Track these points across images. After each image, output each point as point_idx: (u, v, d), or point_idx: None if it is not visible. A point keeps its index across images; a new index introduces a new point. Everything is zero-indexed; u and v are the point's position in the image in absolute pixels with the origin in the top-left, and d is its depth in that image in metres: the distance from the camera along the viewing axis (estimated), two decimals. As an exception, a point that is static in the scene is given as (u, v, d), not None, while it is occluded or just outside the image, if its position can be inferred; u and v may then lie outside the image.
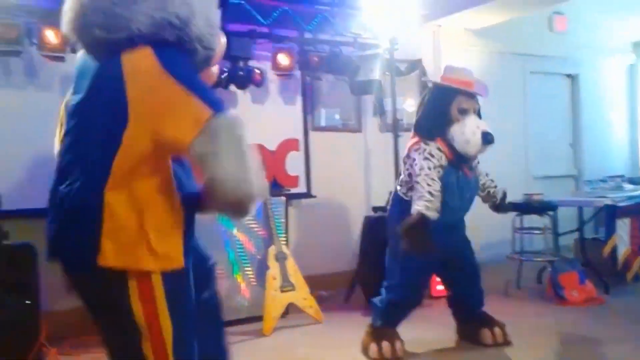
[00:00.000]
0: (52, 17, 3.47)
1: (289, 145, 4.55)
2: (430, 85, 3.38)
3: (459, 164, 3.11)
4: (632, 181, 5.80)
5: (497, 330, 3.29)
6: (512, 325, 3.54)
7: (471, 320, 3.37)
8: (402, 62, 5.00)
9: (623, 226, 4.47)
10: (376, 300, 3.36)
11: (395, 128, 4.66)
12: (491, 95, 3.31)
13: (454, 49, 5.68)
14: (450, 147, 3.08)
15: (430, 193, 2.93)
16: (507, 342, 3.28)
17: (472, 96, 3.14)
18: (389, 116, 4.85)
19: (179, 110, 1.43)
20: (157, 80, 1.45)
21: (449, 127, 3.07)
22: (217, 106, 1.45)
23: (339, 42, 4.65)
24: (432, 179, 2.97)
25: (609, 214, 4.54)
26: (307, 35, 4.58)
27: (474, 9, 5.15)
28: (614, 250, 4.41)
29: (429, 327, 3.63)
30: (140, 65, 1.46)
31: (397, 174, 4.59)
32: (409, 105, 5.40)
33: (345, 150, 5.12)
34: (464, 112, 3.09)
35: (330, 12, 4.57)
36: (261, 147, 4.21)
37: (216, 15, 1.62)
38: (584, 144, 6.89)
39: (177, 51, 1.52)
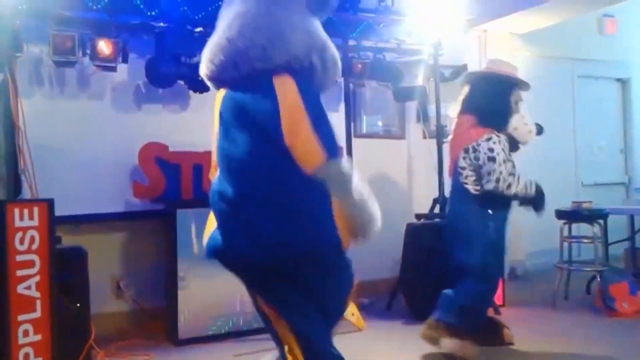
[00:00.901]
0: (104, 28, 3.60)
1: (332, 152, 4.56)
2: (480, 73, 3.45)
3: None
4: (686, 189, 5.59)
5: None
6: (560, 337, 3.46)
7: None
8: (446, 68, 4.95)
9: (677, 236, 4.30)
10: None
11: (440, 134, 4.61)
12: (539, 100, 3.33)
13: (500, 53, 5.58)
14: (509, 139, 3.19)
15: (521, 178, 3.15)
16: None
17: (523, 88, 3.27)
18: (433, 122, 4.80)
19: (304, 143, 2.00)
20: (296, 104, 2.00)
21: (510, 118, 3.16)
22: (331, 152, 2.05)
23: (382, 48, 4.64)
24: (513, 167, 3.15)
25: (662, 223, 4.38)
26: (351, 42, 4.59)
27: (520, 12, 5.06)
28: (667, 261, 4.25)
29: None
30: (286, 89, 1.99)
31: (441, 180, 4.55)
32: (454, 112, 5.34)
33: (388, 157, 5.10)
34: (518, 103, 3.21)
35: (375, 19, 4.56)
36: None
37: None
38: (635, 150, 6.66)
39: (308, 80, 2.07)
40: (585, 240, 4.55)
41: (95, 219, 3.81)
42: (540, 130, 3.27)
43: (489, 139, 3.09)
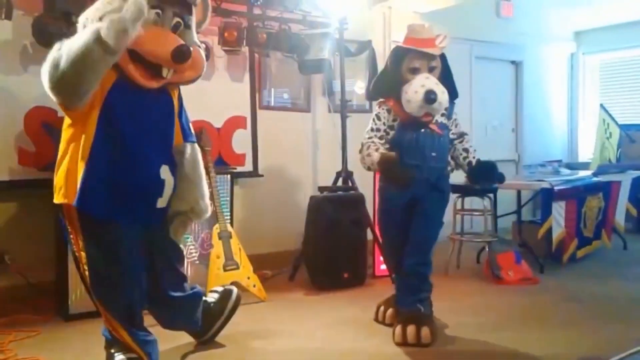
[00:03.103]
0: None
1: (235, 122, 4.49)
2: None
3: (417, 122, 3.05)
4: (569, 166, 6.03)
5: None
6: (450, 303, 3.65)
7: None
8: (351, 43, 4.99)
9: (559, 209, 4.64)
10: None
11: (344, 109, 4.66)
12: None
13: (403, 31, 5.69)
14: (403, 107, 3.04)
15: (372, 145, 3.06)
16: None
17: (425, 54, 3.04)
18: (338, 97, 4.84)
19: None
20: None
21: (399, 87, 3.04)
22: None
23: (288, 19, 4.59)
24: (371, 140, 3.10)
25: (546, 197, 4.71)
26: (256, 11, 4.50)
27: (423, -9, 5.18)
28: (549, 233, 4.57)
29: (372, 307, 3.68)
30: None
31: (345, 154, 4.62)
32: (359, 87, 5.42)
33: (293, 130, 5.09)
34: (414, 71, 3.02)
35: (281, -12, 4.50)
36: (206, 124, 4.15)
37: None
38: (525, 129, 7.09)
39: None
40: (476, 213, 4.81)
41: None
42: (430, 97, 2.91)
43: (374, 113, 3.21)
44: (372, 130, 3.14)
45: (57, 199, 2.28)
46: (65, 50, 2.06)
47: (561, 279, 4.39)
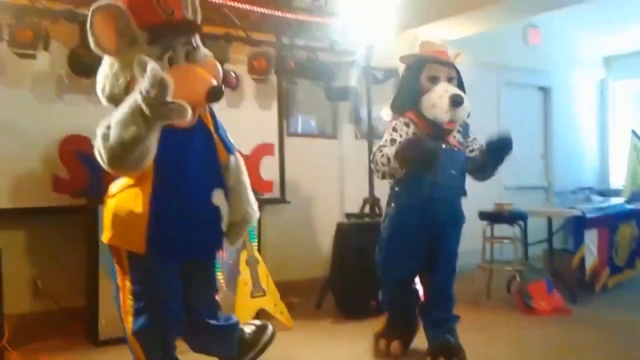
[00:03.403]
0: (25, 14, 3.42)
1: (263, 150, 4.54)
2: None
3: (438, 136, 2.92)
4: (601, 193, 5.94)
5: None
6: (481, 335, 3.57)
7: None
8: (378, 70, 5.02)
9: (591, 237, 4.54)
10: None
11: (370, 136, 4.67)
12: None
13: (430, 58, 5.73)
14: (424, 118, 2.92)
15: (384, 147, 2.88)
16: None
17: (443, 64, 2.98)
18: (365, 124, 4.86)
19: None
20: None
21: (419, 98, 2.91)
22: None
23: (315, 47, 4.65)
24: (385, 148, 2.88)
25: (578, 225, 4.62)
26: (284, 40, 4.58)
27: (449, 19, 5.21)
28: (582, 261, 4.48)
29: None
30: None
31: (371, 181, 4.61)
32: (386, 114, 5.42)
33: (320, 157, 5.12)
34: (434, 80, 2.93)
35: (308, 18, 4.57)
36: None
37: None
38: (555, 156, 7.01)
39: None
40: (506, 241, 4.74)
41: (11, 214, 3.61)
42: (456, 100, 2.84)
43: (388, 126, 3.01)
44: (387, 141, 2.93)
45: (114, 242, 2.27)
46: (114, 134, 2.00)
47: (594, 309, 4.27)
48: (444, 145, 2.93)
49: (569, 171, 7.03)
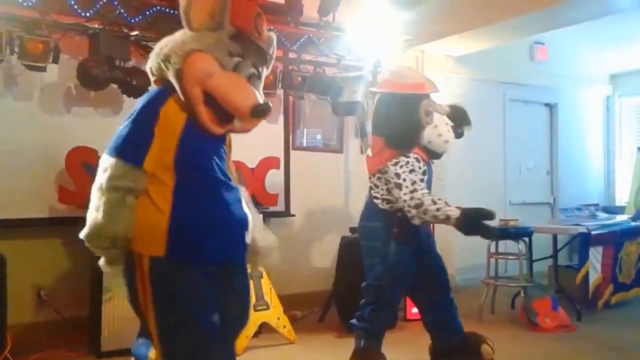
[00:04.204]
0: (35, 27, 3.46)
1: (269, 163, 4.55)
2: (382, 95, 3.21)
3: (430, 162, 3.19)
4: (606, 210, 5.91)
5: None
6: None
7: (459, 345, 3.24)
8: (384, 85, 5.04)
9: (596, 254, 4.53)
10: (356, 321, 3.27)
11: (376, 150, 4.68)
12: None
13: (436, 74, 5.73)
14: (426, 151, 3.12)
15: (438, 200, 2.90)
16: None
17: (429, 96, 3.14)
18: (370, 138, 4.87)
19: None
20: None
21: (421, 133, 3.08)
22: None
23: (322, 62, 4.68)
24: (424, 190, 2.96)
25: (583, 242, 4.60)
26: (292, 55, 4.62)
27: (455, 36, 5.24)
28: (586, 278, 4.45)
29: (403, 351, 3.61)
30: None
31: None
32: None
33: (325, 170, 5.14)
34: (429, 114, 3.11)
35: (316, 33, 4.61)
36: (241, 165, 4.22)
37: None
38: (561, 172, 7.00)
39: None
40: (511, 257, 4.72)
41: (16, 224, 3.64)
42: (459, 133, 3.21)
43: (396, 163, 2.99)
44: (415, 182, 2.96)
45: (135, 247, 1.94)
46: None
47: (599, 327, 4.25)
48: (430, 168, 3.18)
49: (574, 188, 7.02)
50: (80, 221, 2.23)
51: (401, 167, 2.99)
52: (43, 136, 3.75)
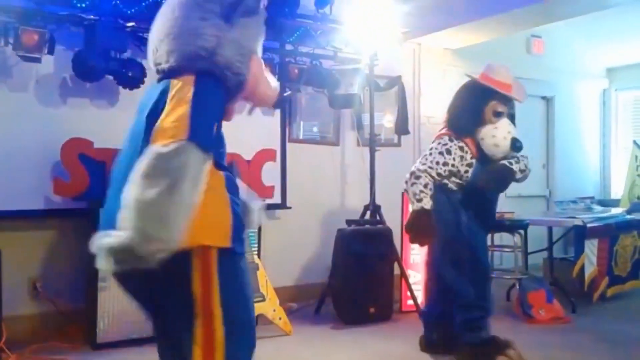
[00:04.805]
0: (30, 17, 3.44)
1: (265, 155, 4.55)
2: (468, 80, 3.31)
3: (484, 162, 3.12)
4: (601, 203, 5.93)
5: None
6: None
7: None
8: (381, 78, 5.04)
9: (591, 247, 4.54)
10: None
11: (372, 142, 4.69)
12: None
13: (433, 67, 5.76)
14: (478, 146, 3.09)
15: (424, 190, 3.02)
16: None
17: (508, 99, 3.13)
18: (367, 131, 4.88)
19: (171, 115, 1.64)
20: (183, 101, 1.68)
21: (481, 127, 3.07)
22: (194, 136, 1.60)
23: (319, 55, 4.67)
24: (432, 173, 3.05)
25: (578, 235, 4.62)
26: (288, 47, 4.60)
27: (452, 28, 5.23)
28: (581, 271, 4.47)
29: (398, 342, 3.63)
30: (181, 87, 1.70)
31: (372, 188, 4.62)
32: (388, 121, 5.46)
33: (322, 163, 5.13)
34: (498, 115, 3.07)
35: (312, 25, 4.59)
36: (237, 157, 4.21)
37: (250, 42, 1.88)
38: (557, 165, 7.01)
39: (214, 80, 1.75)
40: (506, 249, 4.74)
41: (11, 215, 3.63)
42: (517, 145, 3.09)
43: (440, 140, 3.12)
44: (437, 163, 3.05)
45: (206, 241, 1.77)
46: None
47: (593, 319, 4.27)
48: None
49: (570, 180, 7.03)
50: (75, 213, 2.09)
51: (439, 143, 3.10)
52: (38, 128, 3.73)
